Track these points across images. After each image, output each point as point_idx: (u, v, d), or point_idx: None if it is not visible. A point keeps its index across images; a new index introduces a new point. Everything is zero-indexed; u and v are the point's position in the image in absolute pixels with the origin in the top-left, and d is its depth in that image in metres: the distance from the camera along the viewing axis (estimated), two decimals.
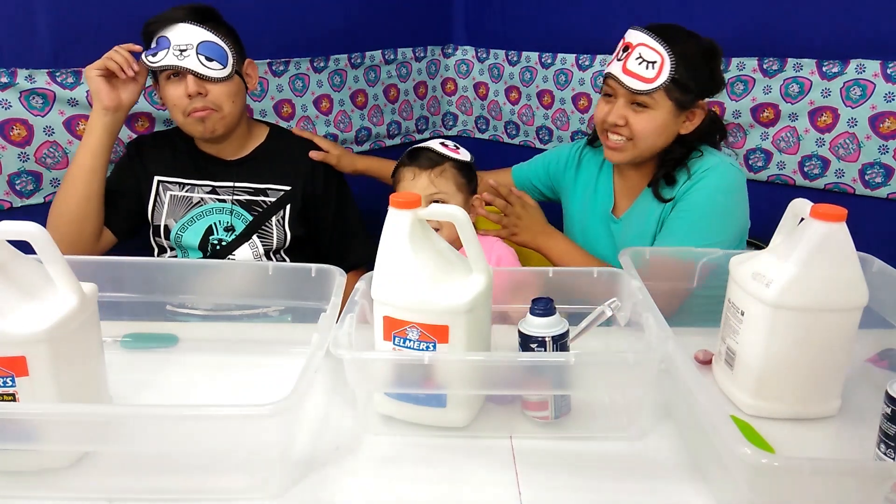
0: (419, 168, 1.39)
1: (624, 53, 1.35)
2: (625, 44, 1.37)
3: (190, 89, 1.42)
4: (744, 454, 0.70)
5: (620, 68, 1.34)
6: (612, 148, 1.40)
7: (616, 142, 1.39)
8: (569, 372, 0.88)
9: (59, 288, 0.84)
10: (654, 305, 0.97)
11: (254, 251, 1.54)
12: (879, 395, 0.83)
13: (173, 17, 1.42)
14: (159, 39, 1.42)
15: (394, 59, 2.24)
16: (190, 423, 0.79)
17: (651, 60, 1.31)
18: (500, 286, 1.01)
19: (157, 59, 1.41)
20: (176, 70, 1.42)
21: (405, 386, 0.91)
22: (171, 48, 1.41)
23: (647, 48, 1.32)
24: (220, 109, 1.46)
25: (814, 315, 0.93)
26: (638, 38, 1.34)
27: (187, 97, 1.42)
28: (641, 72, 1.32)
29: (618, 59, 1.36)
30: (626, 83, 1.33)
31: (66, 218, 1.45)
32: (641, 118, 1.35)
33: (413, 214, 0.89)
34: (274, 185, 1.56)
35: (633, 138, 1.37)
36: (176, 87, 1.44)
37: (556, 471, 0.88)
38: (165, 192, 1.54)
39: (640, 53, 1.32)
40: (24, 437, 0.78)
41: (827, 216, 0.90)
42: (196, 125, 1.47)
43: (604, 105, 1.40)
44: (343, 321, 0.93)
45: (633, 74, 1.33)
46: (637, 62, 1.32)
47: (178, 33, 1.41)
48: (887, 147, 1.64)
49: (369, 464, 0.89)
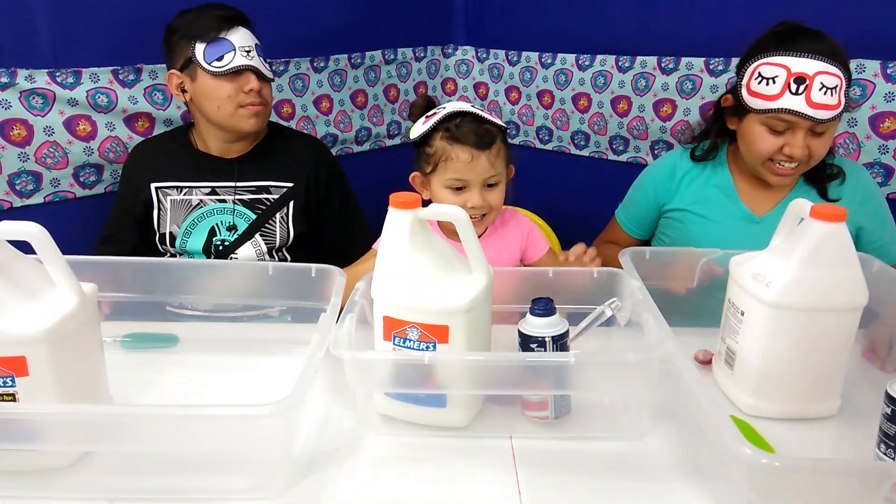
0: (477, 148, 1.22)
1: (800, 87, 1.26)
2: (795, 75, 1.26)
3: (254, 85, 1.49)
4: (744, 454, 0.70)
5: (804, 103, 1.25)
6: (784, 174, 1.34)
7: (790, 168, 1.33)
8: (569, 372, 0.88)
9: (59, 288, 0.84)
10: (654, 305, 0.97)
11: (256, 249, 1.54)
12: (879, 395, 0.83)
13: (232, 18, 1.48)
14: (219, 42, 1.46)
15: (394, 59, 2.24)
16: (190, 423, 0.79)
17: (832, 87, 1.25)
18: (500, 286, 1.01)
19: (224, 63, 1.46)
20: (241, 69, 1.47)
21: (405, 386, 0.91)
22: (238, 50, 1.47)
23: (828, 76, 1.25)
24: (267, 106, 1.55)
25: (814, 315, 0.93)
26: (815, 68, 1.25)
27: (244, 92, 1.48)
28: (827, 101, 1.25)
29: (792, 94, 1.26)
30: (817, 117, 1.25)
31: None
32: (821, 142, 1.30)
33: (413, 214, 0.89)
34: (276, 182, 1.56)
35: (808, 161, 1.33)
36: (230, 82, 1.48)
37: (556, 471, 0.88)
38: (165, 198, 1.54)
39: (822, 83, 1.25)
40: (24, 437, 0.78)
41: (827, 216, 0.90)
42: (249, 119, 1.51)
43: (772, 138, 1.31)
44: (343, 321, 0.93)
45: (820, 106, 1.25)
46: (822, 93, 1.25)
47: (240, 36, 1.48)
48: (887, 147, 1.64)
49: (369, 464, 0.89)
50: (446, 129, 1.23)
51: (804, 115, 1.25)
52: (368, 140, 2.26)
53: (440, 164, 1.24)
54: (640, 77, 2.00)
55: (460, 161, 1.22)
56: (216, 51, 1.46)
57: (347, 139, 2.19)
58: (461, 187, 1.25)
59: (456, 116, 1.23)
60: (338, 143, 2.17)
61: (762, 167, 1.36)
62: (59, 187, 1.67)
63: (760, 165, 1.36)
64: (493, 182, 1.25)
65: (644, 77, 1.99)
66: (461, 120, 1.23)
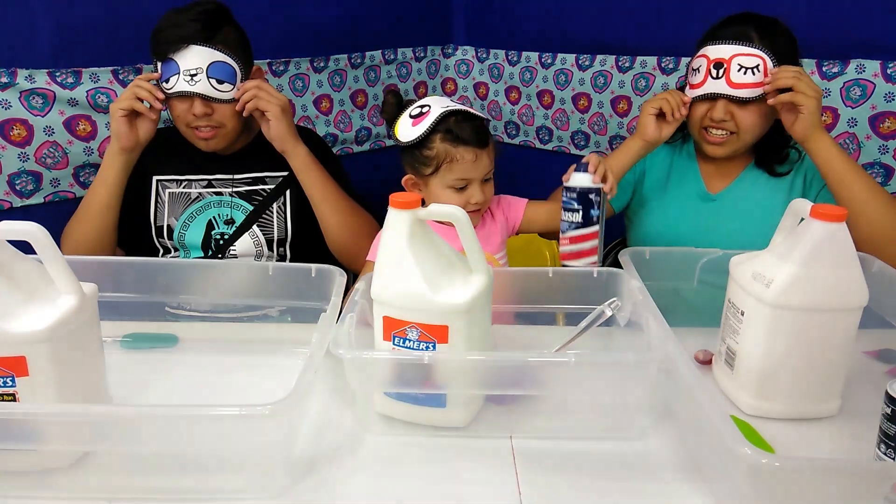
0: (479, 147, 1.24)
1: (719, 71, 1.32)
2: (714, 61, 1.33)
3: (196, 111, 1.41)
4: (744, 454, 0.70)
5: (725, 85, 1.32)
6: (715, 143, 1.39)
7: (719, 136, 1.38)
8: (569, 372, 0.88)
9: (59, 288, 0.84)
10: (654, 305, 0.97)
11: (254, 240, 1.54)
12: (879, 395, 0.83)
13: (183, 38, 1.39)
14: (168, 63, 1.40)
15: (394, 59, 2.24)
16: (190, 423, 0.79)
17: (752, 66, 1.30)
18: (500, 286, 1.01)
19: (169, 86, 1.40)
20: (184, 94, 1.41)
21: (405, 385, 0.91)
22: (182, 73, 1.39)
23: (744, 56, 1.30)
24: (223, 127, 1.46)
25: (814, 315, 0.93)
26: (731, 51, 1.32)
27: (193, 115, 1.42)
28: (747, 80, 1.30)
29: (714, 78, 1.33)
30: (738, 96, 1.32)
31: (80, 249, 1.45)
32: (746, 113, 1.34)
33: (413, 214, 0.89)
34: (271, 172, 1.56)
35: (737, 132, 1.36)
36: (182, 102, 1.43)
37: (556, 471, 0.88)
38: (164, 191, 1.54)
39: (740, 63, 1.30)
40: (24, 437, 0.78)
41: (827, 216, 0.90)
42: (200, 142, 1.48)
43: (701, 106, 1.38)
44: (343, 321, 0.94)
45: (739, 86, 1.31)
46: (740, 73, 1.30)
47: (188, 58, 1.39)
48: (887, 147, 1.64)
49: (369, 464, 0.89)
50: (447, 131, 1.23)
51: (726, 97, 1.33)
52: (368, 140, 2.26)
53: (444, 166, 1.24)
54: (640, 77, 2.00)
55: (465, 161, 1.23)
56: (166, 71, 1.41)
57: (347, 139, 2.19)
58: (464, 186, 1.26)
59: (449, 116, 1.24)
60: (338, 143, 2.17)
61: (701, 140, 1.43)
62: (59, 187, 1.67)
63: (701, 140, 1.43)
64: (489, 176, 1.29)
65: (644, 77, 1.99)
66: (455, 119, 1.24)
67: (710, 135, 1.40)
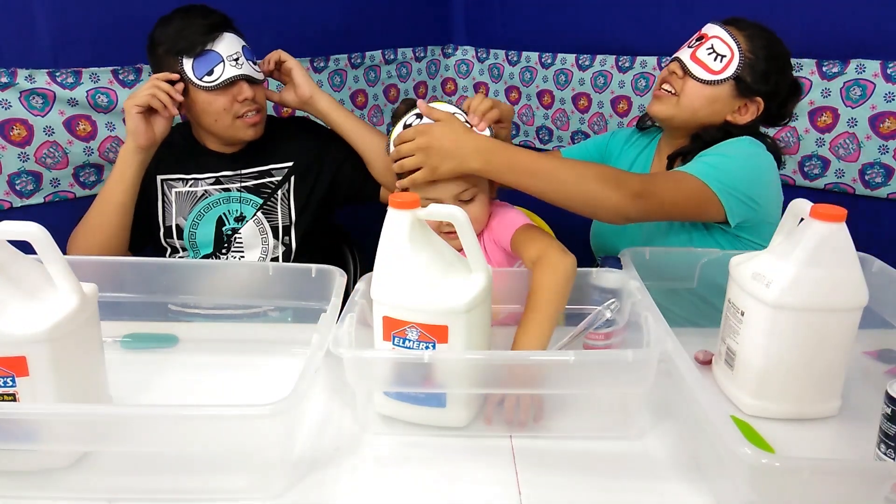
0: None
1: (695, 41, 1.35)
2: (700, 34, 1.36)
3: (248, 94, 1.43)
4: (744, 454, 0.70)
5: (689, 55, 1.33)
6: (657, 97, 1.39)
7: (664, 91, 1.37)
8: (569, 372, 0.89)
9: (59, 288, 0.84)
10: (654, 305, 0.97)
11: (259, 227, 1.54)
12: (879, 395, 0.83)
13: (215, 26, 1.41)
14: (206, 56, 1.40)
15: (394, 59, 2.24)
16: (190, 423, 0.79)
17: (721, 53, 1.30)
18: (500, 286, 1.01)
19: (215, 77, 1.40)
20: (233, 80, 1.41)
21: (405, 385, 0.91)
22: (226, 60, 1.41)
23: (721, 42, 1.31)
24: (263, 110, 1.50)
25: (814, 315, 0.93)
26: (714, 31, 1.33)
27: (239, 102, 1.43)
28: (708, 62, 1.31)
29: (689, 47, 1.35)
30: (689, 69, 1.32)
31: (93, 249, 1.43)
32: (694, 86, 1.33)
33: (412, 215, 0.89)
34: (277, 164, 1.56)
35: (679, 94, 1.35)
36: (223, 95, 1.43)
37: (556, 471, 0.88)
38: (171, 190, 1.54)
39: (713, 46, 1.31)
40: (24, 437, 0.78)
41: (827, 216, 0.90)
42: (247, 129, 1.48)
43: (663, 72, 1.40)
44: (343, 321, 0.94)
45: (699, 62, 1.32)
46: (707, 53, 1.31)
47: (226, 44, 1.41)
48: (887, 147, 1.64)
49: (369, 464, 0.89)
50: None
51: (680, 61, 1.34)
52: None
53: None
54: (640, 77, 2.00)
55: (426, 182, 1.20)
56: (205, 65, 1.41)
57: None
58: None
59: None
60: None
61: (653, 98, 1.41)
62: (59, 187, 1.67)
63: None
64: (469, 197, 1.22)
65: (644, 77, 1.99)
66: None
67: (658, 90, 1.39)
